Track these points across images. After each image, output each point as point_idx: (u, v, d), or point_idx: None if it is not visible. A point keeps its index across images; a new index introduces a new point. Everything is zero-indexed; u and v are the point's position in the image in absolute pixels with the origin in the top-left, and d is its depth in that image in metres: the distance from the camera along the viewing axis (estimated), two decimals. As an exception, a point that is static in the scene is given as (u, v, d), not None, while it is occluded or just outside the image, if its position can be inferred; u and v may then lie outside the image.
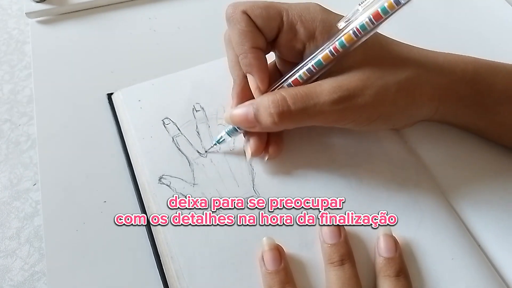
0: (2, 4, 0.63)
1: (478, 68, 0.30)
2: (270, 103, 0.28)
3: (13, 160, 0.46)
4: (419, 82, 0.29)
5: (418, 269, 0.28)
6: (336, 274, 0.27)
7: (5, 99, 0.52)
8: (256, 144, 0.31)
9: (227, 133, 0.32)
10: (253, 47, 0.29)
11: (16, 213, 0.43)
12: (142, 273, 0.29)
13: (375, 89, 0.28)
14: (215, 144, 0.33)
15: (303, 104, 0.27)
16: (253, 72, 0.29)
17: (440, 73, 0.30)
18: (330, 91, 0.27)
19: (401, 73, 0.28)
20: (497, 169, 0.33)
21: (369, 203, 0.31)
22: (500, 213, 0.31)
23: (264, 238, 0.28)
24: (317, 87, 0.28)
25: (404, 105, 0.29)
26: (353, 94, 0.27)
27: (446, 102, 0.30)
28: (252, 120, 0.29)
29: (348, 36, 0.27)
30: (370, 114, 0.29)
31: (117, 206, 0.32)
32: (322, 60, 0.28)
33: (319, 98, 0.27)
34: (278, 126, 0.28)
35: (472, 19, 0.45)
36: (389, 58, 0.29)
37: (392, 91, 0.28)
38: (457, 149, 0.34)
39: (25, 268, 0.39)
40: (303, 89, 0.28)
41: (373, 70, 0.28)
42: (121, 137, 0.35)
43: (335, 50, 0.27)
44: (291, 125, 0.29)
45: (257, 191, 0.31)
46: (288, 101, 0.27)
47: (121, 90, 0.37)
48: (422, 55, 0.30)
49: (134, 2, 0.46)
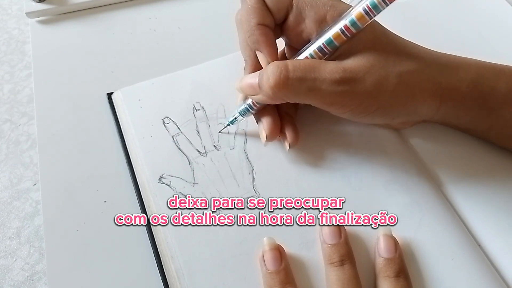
0: (2, 4, 0.63)
1: (480, 70, 0.30)
2: (272, 67, 0.28)
3: (13, 160, 0.46)
4: (421, 78, 0.29)
5: (418, 269, 0.28)
6: (336, 274, 0.27)
7: (5, 99, 0.52)
8: (270, 124, 0.31)
9: (240, 113, 0.32)
10: (260, 24, 0.29)
11: (17, 213, 0.43)
12: (142, 273, 0.29)
13: (376, 77, 0.28)
14: (228, 124, 0.33)
15: (302, 74, 0.27)
16: (261, 47, 0.30)
17: (442, 72, 0.30)
18: (332, 70, 0.27)
19: (404, 66, 0.28)
20: (497, 169, 0.33)
21: (369, 203, 0.31)
22: (500, 213, 0.31)
23: (265, 238, 0.28)
24: (322, 63, 0.28)
25: (404, 99, 0.29)
26: (354, 78, 0.27)
27: (447, 102, 0.30)
28: (256, 87, 0.29)
29: (359, 14, 0.27)
30: (369, 104, 0.29)
31: (117, 206, 0.32)
32: (333, 38, 0.28)
33: (320, 74, 0.27)
34: (275, 92, 0.28)
35: (472, 20, 0.45)
36: (394, 50, 0.29)
37: (393, 82, 0.28)
38: (457, 150, 0.34)
39: (26, 268, 0.39)
40: (307, 61, 0.28)
41: (377, 59, 0.28)
42: (121, 136, 0.35)
43: (346, 29, 0.27)
44: (288, 94, 0.28)
45: (257, 191, 0.31)
46: (289, 67, 0.27)
47: (121, 90, 0.37)
48: (426, 53, 0.30)
49: (134, 2, 0.46)
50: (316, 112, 0.35)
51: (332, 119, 0.35)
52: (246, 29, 0.30)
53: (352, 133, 0.34)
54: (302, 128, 0.34)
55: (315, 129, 0.34)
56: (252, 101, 0.31)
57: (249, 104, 0.31)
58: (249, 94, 0.31)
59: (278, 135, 0.32)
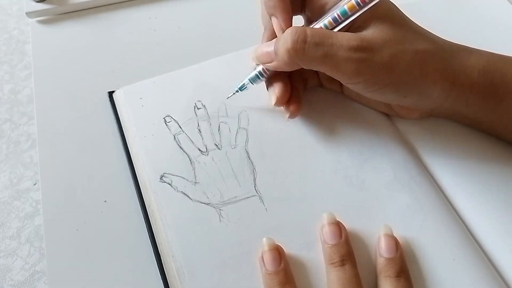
0: (2, 4, 0.63)
1: (492, 59, 0.31)
2: (290, 32, 0.28)
3: (13, 160, 0.46)
4: (435, 58, 0.29)
5: (419, 269, 0.28)
6: (337, 274, 0.27)
7: (5, 99, 0.52)
8: (281, 88, 0.32)
9: (250, 80, 0.33)
10: None
11: (17, 213, 0.43)
12: (142, 273, 0.29)
13: (393, 50, 0.28)
14: (237, 91, 0.34)
15: (320, 39, 0.28)
16: (277, 13, 0.30)
17: (455, 57, 0.30)
18: (350, 38, 0.28)
19: (420, 44, 0.29)
20: (500, 170, 0.33)
21: (371, 203, 0.31)
22: (502, 214, 0.31)
23: (264, 239, 0.28)
24: (339, 33, 0.28)
25: (417, 76, 0.29)
26: (372, 47, 0.28)
27: (458, 87, 0.30)
28: (271, 53, 0.30)
29: None
30: (384, 76, 0.29)
31: (118, 206, 0.32)
32: (348, 9, 0.28)
33: (338, 40, 0.28)
34: (292, 56, 0.28)
35: (474, 20, 0.45)
36: (411, 29, 0.30)
37: (409, 57, 0.28)
38: (460, 150, 0.34)
39: (26, 268, 0.39)
40: (325, 30, 0.29)
41: (395, 34, 0.29)
42: (122, 135, 0.35)
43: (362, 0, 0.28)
44: (304, 60, 0.29)
45: (259, 190, 0.31)
46: (307, 33, 0.28)
47: (123, 88, 0.37)
48: (440, 39, 0.31)
49: (134, 2, 0.46)
50: (319, 113, 0.35)
51: (334, 119, 0.35)
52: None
53: (354, 133, 0.34)
54: (304, 128, 0.34)
55: (318, 129, 0.34)
56: (262, 67, 0.32)
57: (260, 71, 0.32)
58: (264, 62, 0.31)
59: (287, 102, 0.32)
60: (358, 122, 0.35)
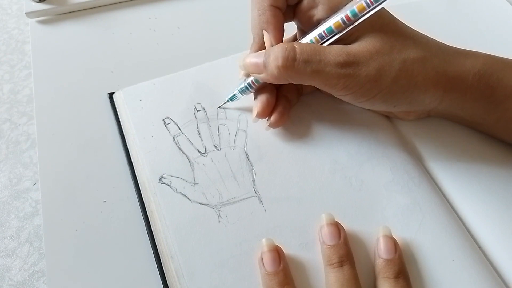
0: (2, 4, 0.63)
1: (488, 61, 0.30)
2: (280, 49, 0.29)
3: (13, 160, 0.46)
4: (425, 66, 0.29)
5: (418, 270, 0.28)
6: (336, 275, 0.27)
7: (5, 99, 0.52)
8: (263, 103, 0.32)
9: (239, 91, 0.33)
10: (272, 5, 0.30)
11: (16, 213, 0.43)
12: (142, 273, 0.29)
13: (379, 62, 0.28)
14: (228, 101, 0.35)
15: (309, 56, 0.28)
16: (269, 29, 0.31)
17: (448, 61, 0.30)
18: (337, 53, 0.28)
19: (409, 53, 0.29)
20: (499, 170, 0.33)
21: (370, 204, 0.31)
22: (501, 214, 0.31)
23: (263, 239, 0.28)
24: (326, 47, 0.29)
25: (405, 86, 0.29)
26: (358, 61, 0.28)
27: (452, 92, 0.30)
28: (260, 66, 0.30)
29: (360, 6, 0.28)
30: (370, 88, 0.29)
31: (117, 206, 0.32)
32: (334, 27, 0.29)
33: (325, 56, 0.28)
34: (281, 72, 0.29)
35: (473, 20, 0.45)
36: (401, 37, 0.29)
37: (396, 69, 0.28)
38: (459, 151, 0.34)
39: (25, 268, 0.39)
40: (314, 45, 0.29)
41: (383, 45, 0.29)
42: (121, 136, 0.35)
43: (347, 19, 0.28)
44: (294, 75, 0.29)
45: (258, 191, 0.31)
46: (296, 50, 0.28)
47: (122, 90, 0.37)
48: (434, 43, 0.31)
49: (134, 2, 0.46)
50: (318, 113, 0.35)
51: (333, 119, 0.35)
52: (259, 8, 0.31)
53: (353, 134, 0.34)
54: (303, 129, 0.34)
55: (317, 130, 0.34)
56: (252, 80, 0.32)
57: (249, 83, 0.33)
58: (252, 72, 0.31)
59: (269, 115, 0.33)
60: (356, 123, 0.35)
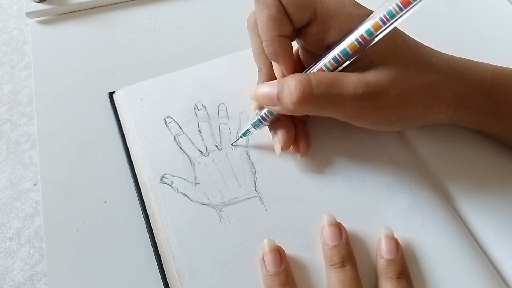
0: (2, 4, 0.63)
1: (496, 78, 0.30)
2: (294, 82, 0.27)
3: (13, 160, 0.46)
4: (440, 89, 0.29)
5: (419, 271, 0.28)
6: (337, 275, 0.27)
7: (5, 99, 0.52)
8: (284, 137, 0.31)
9: (253, 125, 0.32)
10: (280, 35, 0.28)
11: (17, 214, 0.43)
12: (142, 273, 0.29)
13: (399, 90, 0.27)
14: (241, 137, 0.33)
15: (326, 90, 0.27)
16: (279, 60, 0.29)
17: (459, 81, 0.30)
18: (356, 85, 0.27)
19: (424, 78, 0.28)
20: (500, 171, 0.33)
21: (372, 204, 0.31)
22: (503, 215, 0.31)
23: (265, 240, 0.28)
24: (344, 77, 0.27)
25: (423, 109, 0.29)
26: (378, 92, 0.27)
27: (462, 109, 0.30)
28: (274, 98, 0.28)
29: (376, 24, 0.26)
30: (390, 116, 0.29)
31: (118, 207, 0.32)
32: (349, 49, 0.27)
33: (344, 88, 0.27)
34: (297, 108, 0.27)
35: (474, 20, 0.45)
36: (414, 60, 0.29)
37: (415, 95, 0.28)
38: (460, 152, 0.34)
39: (26, 269, 0.39)
40: (330, 75, 0.27)
41: (399, 72, 0.28)
42: (122, 136, 0.35)
43: (362, 39, 0.26)
44: (310, 110, 0.28)
45: (259, 191, 0.31)
46: (312, 83, 0.27)
47: (123, 89, 0.37)
48: (444, 60, 0.30)
49: (134, 2, 0.46)
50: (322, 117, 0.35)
51: (336, 122, 0.35)
52: (265, 38, 0.29)
53: (355, 135, 0.34)
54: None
55: (319, 131, 0.34)
56: (264, 112, 0.31)
57: (262, 116, 0.31)
58: (266, 104, 0.30)
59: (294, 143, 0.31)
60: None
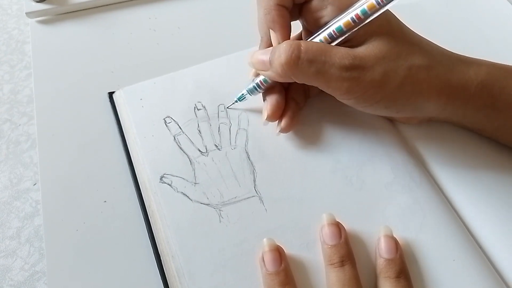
0: (2, 4, 0.63)
1: (491, 70, 0.30)
2: (285, 45, 0.28)
3: (13, 160, 0.46)
4: (430, 74, 0.29)
5: (419, 270, 0.28)
6: (337, 275, 0.27)
7: (5, 99, 0.52)
8: (273, 106, 0.32)
9: (248, 91, 0.33)
10: (278, 4, 0.30)
11: (17, 213, 0.43)
12: (142, 273, 0.29)
13: (385, 68, 0.28)
14: (236, 101, 0.34)
15: (314, 56, 0.28)
16: (276, 28, 0.30)
17: (452, 70, 0.30)
18: (343, 56, 0.28)
19: (415, 60, 0.29)
20: (500, 170, 0.33)
21: (371, 203, 0.31)
22: (502, 214, 0.31)
23: (265, 239, 0.28)
24: (334, 48, 0.28)
25: (409, 93, 0.29)
26: (363, 65, 0.28)
27: (455, 100, 0.30)
28: (267, 63, 0.30)
29: (371, 4, 0.27)
30: (374, 93, 0.29)
31: (118, 206, 0.32)
32: (343, 26, 0.28)
33: (331, 58, 0.28)
34: (285, 71, 0.28)
35: (474, 20, 0.45)
36: (407, 43, 0.29)
37: (401, 75, 0.28)
38: (459, 151, 0.34)
39: (25, 268, 0.39)
40: (320, 45, 0.28)
41: (390, 50, 0.28)
42: (122, 136, 0.35)
43: (357, 17, 0.28)
44: (297, 75, 0.29)
45: (259, 191, 0.31)
46: (301, 48, 0.28)
47: (123, 89, 0.37)
48: (439, 50, 0.30)
49: (134, 2, 0.46)
50: (319, 112, 0.35)
51: (334, 119, 0.35)
52: (265, 6, 0.30)
53: (355, 134, 0.34)
54: (304, 128, 0.34)
55: (318, 129, 0.34)
56: (260, 80, 0.32)
57: (257, 83, 0.32)
58: (259, 69, 0.31)
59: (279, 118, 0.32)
60: (358, 123, 0.35)
